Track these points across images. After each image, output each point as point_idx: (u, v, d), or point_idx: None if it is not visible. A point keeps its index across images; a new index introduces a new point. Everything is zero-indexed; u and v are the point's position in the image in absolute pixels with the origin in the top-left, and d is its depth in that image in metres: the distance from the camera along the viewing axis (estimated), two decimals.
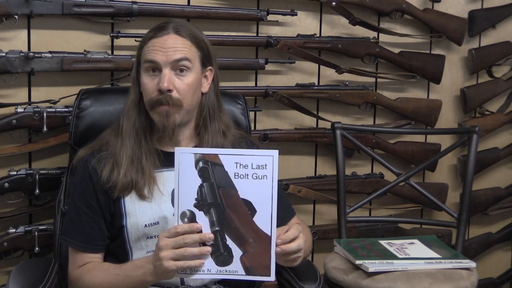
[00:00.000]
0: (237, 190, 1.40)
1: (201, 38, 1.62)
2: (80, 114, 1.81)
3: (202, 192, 1.40)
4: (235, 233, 1.40)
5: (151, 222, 1.57)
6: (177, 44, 1.56)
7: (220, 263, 1.41)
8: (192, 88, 1.58)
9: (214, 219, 1.40)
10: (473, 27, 2.54)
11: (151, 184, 1.58)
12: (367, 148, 2.27)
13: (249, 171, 1.40)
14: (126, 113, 1.63)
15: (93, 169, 1.59)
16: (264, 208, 1.40)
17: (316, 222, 2.46)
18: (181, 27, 1.59)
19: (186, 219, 1.40)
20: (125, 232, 1.58)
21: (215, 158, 1.39)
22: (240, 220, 1.40)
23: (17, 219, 2.02)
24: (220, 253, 1.40)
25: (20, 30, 1.98)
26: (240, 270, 1.41)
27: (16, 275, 1.53)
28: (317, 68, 2.38)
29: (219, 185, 1.39)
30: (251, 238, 1.40)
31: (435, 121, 2.51)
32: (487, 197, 2.63)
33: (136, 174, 1.57)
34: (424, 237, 2.03)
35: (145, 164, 1.58)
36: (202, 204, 1.40)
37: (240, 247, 1.41)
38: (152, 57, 1.55)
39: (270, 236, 1.40)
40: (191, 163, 1.40)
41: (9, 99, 1.99)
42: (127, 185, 1.57)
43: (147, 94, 1.57)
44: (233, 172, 1.40)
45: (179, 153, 1.39)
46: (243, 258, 1.41)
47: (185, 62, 1.56)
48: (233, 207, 1.40)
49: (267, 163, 1.40)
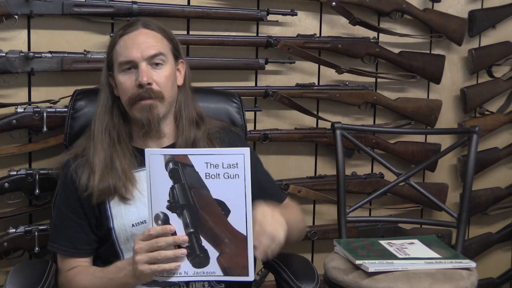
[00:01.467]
0: (209, 191, 1.37)
1: (168, 31, 1.64)
2: (75, 114, 1.81)
3: (174, 194, 1.37)
4: (210, 234, 1.38)
5: (138, 221, 1.57)
6: (149, 38, 1.57)
7: (196, 265, 1.38)
8: (170, 80, 1.59)
9: (188, 221, 1.37)
10: (473, 27, 2.54)
11: (130, 186, 1.57)
12: (367, 148, 2.27)
13: (220, 171, 1.36)
14: (97, 118, 1.62)
15: (74, 174, 1.58)
16: (238, 207, 1.37)
17: (316, 222, 2.45)
18: (149, 21, 1.62)
19: (159, 222, 1.37)
20: (113, 234, 1.58)
21: (185, 159, 1.36)
22: (214, 220, 1.37)
23: (17, 219, 2.02)
24: (196, 254, 1.38)
25: (20, 30, 1.98)
26: (217, 271, 1.39)
27: (13, 276, 1.53)
28: (317, 68, 2.38)
29: (190, 186, 1.36)
30: (227, 238, 1.37)
31: (435, 121, 2.51)
32: (487, 197, 2.63)
33: (113, 178, 1.56)
34: (424, 237, 2.03)
35: (120, 166, 1.57)
36: (175, 206, 1.37)
37: (216, 248, 1.38)
38: (127, 57, 1.55)
39: (246, 236, 1.37)
40: (161, 165, 1.36)
41: (9, 99, 1.99)
42: (105, 191, 1.55)
43: (126, 93, 1.56)
44: (204, 172, 1.36)
45: (149, 154, 1.36)
46: (220, 259, 1.38)
47: (160, 57, 1.57)
48: (206, 208, 1.37)
49: (238, 161, 1.35)
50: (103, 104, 1.62)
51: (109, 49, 1.62)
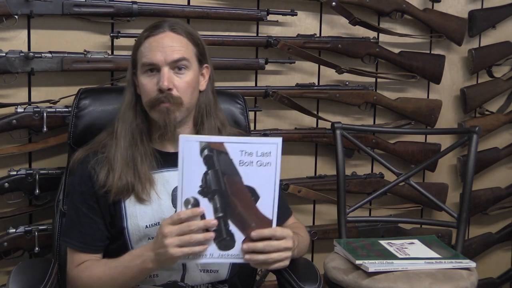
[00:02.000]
0: (241, 177, 1.41)
1: (195, 35, 1.62)
2: (79, 113, 1.81)
3: (206, 180, 1.40)
4: (238, 219, 1.42)
5: (151, 223, 1.57)
6: (174, 42, 1.56)
7: (222, 247, 1.42)
8: (191, 86, 1.58)
9: (218, 206, 1.41)
10: (473, 27, 2.54)
11: (148, 187, 1.57)
12: (367, 148, 2.27)
13: (254, 159, 1.41)
14: (121, 116, 1.62)
15: (92, 170, 1.59)
16: (267, 194, 1.42)
17: (316, 222, 2.46)
18: (176, 24, 1.60)
19: (189, 206, 1.40)
20: (126, 234, 1.58)
21: (220, 146, 1.40)
22: (243, 206, 1.42)
23: (17, 219, 2.02)
24: (223, 238, 1.42)
25: (20, 30, 1.98)
26: (241, 254, 1.43)
27: (16, 275, 1.53)
28: (317, 68, 2.38)
29: (223, 173, 1.41)
30: (254, 223, 1.42)
31: (435, 121, 2.51)
32: (487, 197, 2.63)
33: (133, 177, 1.56)
34: (424, 237, 2.03)
35: (141, 166, 1.57)
36: (207, 191, 1.40)
37: (243, 232, 1.42)
38: (150, 59, 1.55)
39: (271, 220, 1.43)
40: (196, 151, 1.40)
41: (9, 99, 1.99)
42: (122, 189, 1.56)
43: (147, 95, 1.57)
44: (238, 159, 1.41)
45: (184, 140, 1.39)
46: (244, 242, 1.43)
47: (184, 62, 1.56)
48: (237, 194, 1.41)
49: (271, 150, 1.41)
50: (128, 102, 1.62)
51: (134, 49, 1.61)
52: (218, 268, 1.62)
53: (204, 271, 1.60)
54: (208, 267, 1.61)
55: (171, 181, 1.60)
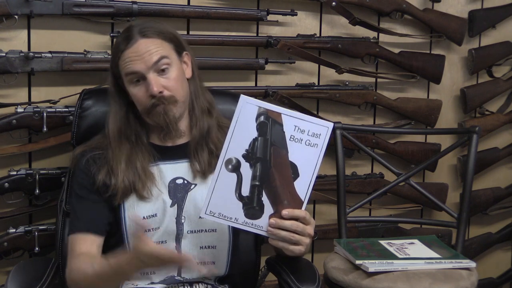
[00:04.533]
0: (288, 152, 1.43)
1: (167, 31, 1.63)
2: (82, 114, 1.82)
3: (254, 145, 1.42)
4: (272, 192, 1.43)
5: (149, 214, 1.59)
6: (148, 47, 1.57)
7: (249, 216, 1.44)
8: (179, 81, 1.60)
9: (257, 174, 1.42)
10: (473, 27, 2.54)
11: (149, 184, 1.59)
12: (367, 148, 2.27)
13: (304, 137, 1.43)
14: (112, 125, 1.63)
15: (92, 160, 1.61)
16: (307, 174, 1.44)
17: (316, 222, 2.42)
18: (145, 29, 1.60)
19: (230, 166, 1.42)
20: (123, 225, 1.59)
21: (278, 117, 1.42)
22: (281, 180, 1.43)
23: (17, 219, 2.02)
24: (253, 206, 1.43)
25: (20, 30, 1.98)
26: (264, 227, 1.45)
27: (15, 274, 1.54)
28: (317, 68, 2.38)
29: (272, 143, 1.42)
30: (286, 200, 1.43)
31: (435, 121, 2.51)
32: (487, 197, 2.63)
33: (133, 177, 1.58)
34: (424, 237, 2.03)
35: (139, 165, 1.60)
36: (251, 157, 1.42)
37: (273, 206, 1.43)
38: (132, 69, 1.56)
39: (303, 202, 1.44)
40: (252, 115, 1.42)
41: (9, 99, 1.99)
42: (126, 190, 1.58)
43: (140, 103, 1.59)
44: (290, 134, 1.42)
45: (244, 101, 1.41)
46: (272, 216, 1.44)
47: (164, 60, 1.57)
48: (279, 167, 1.43)
49: (322, 132, 1.44)
50: (116, 112, 1.64)
51: (112, 62, 1.63)
52: (214, 260, 1.62)
53: (201, 263, 1.60)
54: (204, 259, 1.61)
55: (167, 173, 1.62)
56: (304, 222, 1.46)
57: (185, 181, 1.62)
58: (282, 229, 1.45)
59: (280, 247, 1.48)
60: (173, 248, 1.60)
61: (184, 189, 1.61)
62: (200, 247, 1.61)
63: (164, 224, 1.59)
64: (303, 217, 1.46)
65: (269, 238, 1.48)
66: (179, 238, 1.60)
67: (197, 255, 1.60)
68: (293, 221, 1.45)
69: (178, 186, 1.61)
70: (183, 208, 1.60)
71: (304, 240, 1.47)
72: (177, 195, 1.61)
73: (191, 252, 1.60)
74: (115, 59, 1.61)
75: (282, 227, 1.45)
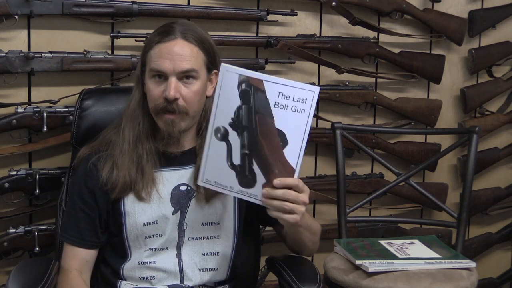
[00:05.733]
0: (274, 119, 1.40)
1: (207, 42, 1.59)
2: (82, 114, 1.82)
3: (239, 113, 1.40)
4: (262, 161, 1.41)
5: (149, 221, 1.58)
6: (184, 51, 1.53)
7: (243, 184, 1.43)
8: (198, 95, 1.57)
9: (245, 142, 1.41)
10: (473, 27, 2.54)
11: (149, 186, 1.58)
12: (367, 148, 2.27)
13: (289, 103, 1.39)
14: (130, 114, 1.62)
15: (94, 166, 1.60)
16: (296, 141, 1.41)
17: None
18: (188, 31, 1.56)
19: (219, 135, 1.41)
20: (124, 231, 1.59)
21: (259, 84, 1.39)
22: (270, 149, 1.41)
23: (17, 219, 2.02)
24: (245, 175, 1.42)
25: (20, 30, 1.98)
26: (259, 196, 1.43)
27: (16, 274, 1.54)
28: (317, 68, 2.38)
29: (257, 111, 1.40)
30: (277, 169, 1.41)
31: (435, 121, 2.51)
32: (487, 197, 2.63)
33: (136, 175, 1.57)
34: (424, 237, 2.03)
35: (145, 165, 1.58)
36: (237, 125, 1.41)
37: (265, 176, 1.42)
38: (159, 66, 1.53)
39: (295, 169, 1.42)
40: (234, 83, 1.40)
41: (9, 99, 1.99)
42: (126, 187, 1.57)
43: (152, 100, 1.56)
44: (274, 100, 1.40)
45: (224, 70, 1.40)
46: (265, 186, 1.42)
47: (193, 73, 1.54)
48: (266, 135, 1.41)
49: (308, 97, 1.39)
50: (136, 99, 1.62)
51: (144, 50, 1.59)
52: (217, 266, 1.62)
53: (202, 270, 1.60)
54: (206, 266, 1.61)
55: (171, 181, 1.61)
56: (297, 190, 1.43)
57: (188, 188, 1.61)
58: (275, 198, 1.43)
59: (275, 216, 1.46)
60: (174, 255, 1.59)
61: (187, 195, 1.60)
62: (202, 253, 1.61)
63: (167, 232, 1.59)
64: (296, 184, 1.43)
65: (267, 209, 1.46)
66: (180, 245, 1.59)
67: (198, 261, 1.60)
68: (285, 189, 1.42)
69: (182, 193, 1.60)
70: (185, 215, 1.59)
71: (299, 208, 1.44)
72: (180, 201, 1.60)
73: (192, 259, 1.60)
74: (147, 47, 1.58)
75: (275, 196, 1.42)
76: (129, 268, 1.60)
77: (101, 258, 1.65)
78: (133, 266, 1.59)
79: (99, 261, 1.65)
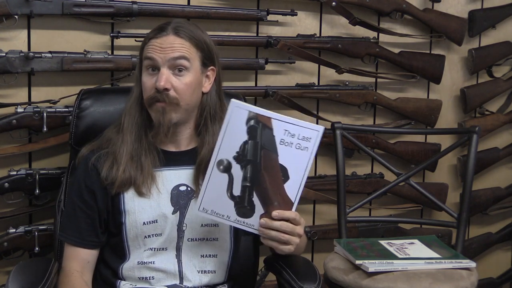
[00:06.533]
0: (278, 155, 1.45)
1: (201, 39, 1.61)
2: (81, 114, 1.82)
3: (244, 148, 1.45)
4: (263, 193, 1.46)
5: (149, 220, 1.58)
6: (175, 43, 1.57)
7: (240, 214, 1.48)
8: (190, 88, 1.58)
9: (248, 175, 1.46)
10: (473, 27, 2.54)
11: (149, 182, 1.59)
12: (367, 148, 2.27)
13: (294, 140, 1.45)
14: (128, 110, 1.64)
15: (93, 166, 1.60)
16: (297, 177, 1.47)
17: (316, 222, 2.45)
18: (181, 28, 1.59)
19: (221, 167, 1.46)
20: (123, 230, 1.59)
21: (268, 121, 1.45)
22: (271, 182, 1.46)
23: (17, 219, 2.02)
24: (244, 206, 1.47)
25: (20, 30, 1.98)
26: (256, 226, 1.48)
27: (16, 274, 1.53)
28: (317, 68, 2.38)
29: (263, 146, 1.45)
30: (277, 201, 1.47)
31: (435, 121, 2.51)
32: (487, 197, 2.63)
33: (135, 171, 1.58)
34: (424, 237, 2.03)
35: (144, 161, 1.59)
36: (242, 159, 1.45)
37: (264, 207, 1.47)
38: (150, 54, 1.57)
39: (293, 203, 1.48)
40: (242, 119, 1.44)
41: (9, 99, 1.99)
42: (125, 182, 1.58)
43: (146, 92, 1.59)
44: (280, 138, 1.45)
45: (234, 105, 1.44)
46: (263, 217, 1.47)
47: (183, 61, 1.56)
48: (269, 170, 1.46)
49: (312, 136, 1.46)
50: (135, 97, 1.64)
51: (140, 48, 1.64)
52: (215, 269, 1.62)
53: (201, 271, 1.61)
54: (204, 268, 1.61)
55: (171, 180, 1.61)
56: (294, 222, 1.49)
57: (188, 188, 1.61)
58: (272, 229, 1.48)
59: (270, 245, 1.52)
60: (173, 256, 1.60)
61: (187, 196, 1.61)
62: (201, 255, 1.61)
63: (166, 231, 1.59)
64: (293, 218, 1.49)
65: (260, 237, 1.51)
66: (180, 246, 1.60)
67: (197, 263, 1.61)
68: (282, 221, 1.48)
69: (181, 193, 1.61)
70: (185, 215, 1.60)
71: (294, 240, 1.50)
72: (179, 202, 1.60)
73: (192, 261, 1.60)
74: (143, 44, 1.62)
75: (272, 227, 1.48)
76: (128, 268, 1.60)
77: (100, 258, 1.65)
78: (132, 266, 1.59)
79: (98, 262, 1.65)
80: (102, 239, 1.62)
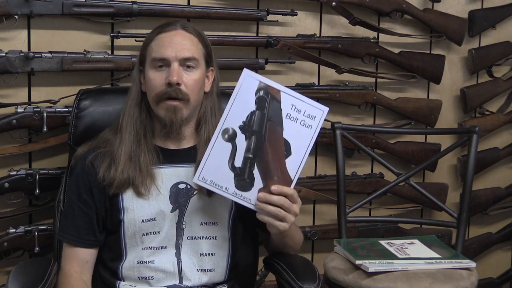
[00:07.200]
0: (283, 129, 1.47)
1: (205, 37, 1.66)
2: (80, 114, 1.82)
3: (251, 118, 1.47)
4: (264, 167, 1.47)
5: (148, 217, 1.58)
6: (185, 40, 1.59)
7: (239, 187, 1.48)
8: (198, 84, 1.60)
9: (251, 146, 1.47)
10: (473, 27, 2.54)
11: (148, 181, 1.59)
12: (367, 148, 2.27)
13: (300, 116, 1.48)
14: (127, 111, 1.64)
15: (91, 165, 1.60)
16: (298, 154, 1.49)
17: (316, 222, 2.45)
18: (187, 24, 1.64)
19: (226, 136, 1.47)
20: (121, 228, 1.59)
21: (277, 93, 1.47)
22: (274, 156, 1.47)
23: (17, 219, 2.02)
24: (243, 178, 1.48)
25: (20, 30, 1.98)
26: (253, 201, 1.48)
27: (16, 274, 1.54)
28: (317, 68, 2.38)
29: (269, 118, 1.47)
30: (276, 176, 1.47)
31: (435, 121, 2.51)
32: (487, 197, 2.63)
33: (134, 171, 1.58)
34: (424, 237, 2.03)
35: (143, 161, 1.59)
36: (247, 129, 1.47)
37: (263, 181, 1.48)
38: (161, 54, 1.57)
39: (292, 180, 1.48)
40: (252, 88, 1.47)
41: (9, 99, 1.99)
42: (123, 182, 1.58)
43: (154, 89, 1.58)
44: (286, 112, 1.48)
45: (246, 75, 1.47)
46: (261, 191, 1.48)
47: (193, 61, 1.59)
48: (273, 143, 1.47)
49: (317, 115, 1.49)
50: (134, 97, 1.65)
51: (143, 45, 1.64)
52: (214, 267, 1.62)
53: (201, 270, 1.60)
54: (204, 267, 1.61)
55: (170, 178, 1.62)
56: (292, 200, 1.49)
57: (187, 186, 1.61)
58: (270, 203, 1.48)
59: (266, 221, 1.51)
60: (173, 254, 1.60)
61: (186, 194, 1.61)
62: (200, 254, 1.61)
63: (165, 229, 1.59)
64: (291, 194, 1.49)
65: (256, 213, 1.51)
66: (179, 244, 1.60)
67: (197, 262, 1.61)
68: (281, 196, 1.48)
69: (181, 191, 1.61)
70: (184, 213, 1.60)
71: (290, 218, 1.50)
72: (179, 200, 1.60)
73: (191, 259, 1.60)
74: (147, 41, 1.62)
75: (270, 202, 1.48)
76: (128, 268, 1.60)
77: (99, 259, 1.65)
78: (132, 265, 1.59)
79: (97, 263, 1.65)
80: (100, 238, 1.62)
